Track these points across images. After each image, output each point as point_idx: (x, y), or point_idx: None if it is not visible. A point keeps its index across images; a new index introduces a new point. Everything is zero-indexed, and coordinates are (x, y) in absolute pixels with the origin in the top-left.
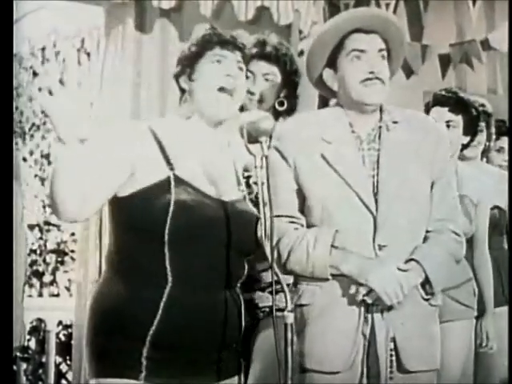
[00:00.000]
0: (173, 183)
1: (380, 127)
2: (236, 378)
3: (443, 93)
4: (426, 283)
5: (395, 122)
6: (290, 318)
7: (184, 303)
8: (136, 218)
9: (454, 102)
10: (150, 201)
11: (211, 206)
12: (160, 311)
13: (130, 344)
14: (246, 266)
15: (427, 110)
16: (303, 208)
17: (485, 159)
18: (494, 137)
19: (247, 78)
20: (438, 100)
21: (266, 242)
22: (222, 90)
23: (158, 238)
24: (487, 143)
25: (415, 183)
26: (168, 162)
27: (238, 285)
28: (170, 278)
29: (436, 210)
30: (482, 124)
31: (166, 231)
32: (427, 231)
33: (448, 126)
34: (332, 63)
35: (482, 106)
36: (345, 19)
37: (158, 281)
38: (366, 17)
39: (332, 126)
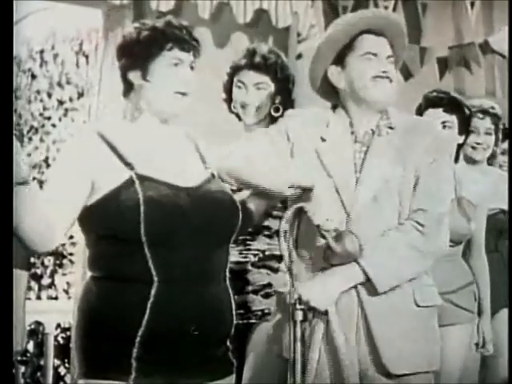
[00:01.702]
0: (137, 182)
1: (373, 131)
2: (229, 377)
3: (435, 94)
4: (368, 281)
5: (391, 128)
6: (298, 315)
7: (172, 301)
8: (108, 225)
9: (448, 101)
10: (118, 205)
11: (181, 196)
12: (148, 311)
13: (119, 346)
14: (229, 252)
15: (420, 114)
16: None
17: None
18: (500, 141)
19: (239, 88)
20: (431, 101)
21: (284, 241)
22: (177, 92)
23: (135, 240)
24: (495, 148)
25: (400, 185)
26: (126, 163)
27: (227, 275)
28: (155, 278)
29: (412, 203)
30: (492, 127)
31: (142, 232)
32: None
33: (444, 127)
34: (340, 61)
35: (492, 108)
36: (357, 20)
37: (144, 281)
38: (378, 19)
39: (332, 125)
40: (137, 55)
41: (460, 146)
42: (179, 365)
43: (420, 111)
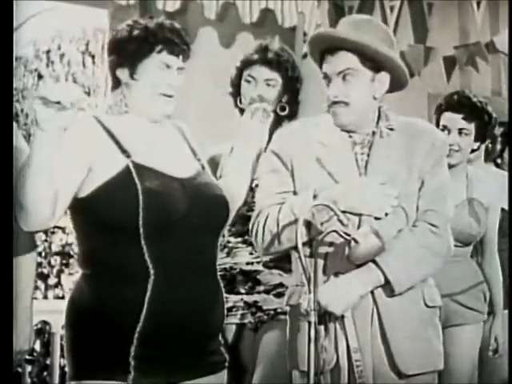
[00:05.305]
0: (134, 171)
1: (374, 133)
2: (222, 372)
3: (456, 97)
4: (387, 283)
5: (391, 129)
6: (312, 316)
7: (169, 295)
8: (104, 216)
9: (469, 108)
10: (115, 195)
11: (176, 186)
12: (146, 306)
13: (116, 344)
14: (218, 246)
15: (439, 113)
16: None
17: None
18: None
19: (249, 82)
20: (451, 105)
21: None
22: (163, 95)
23: (133, 232)
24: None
25: (405, 186)
26: (123, 150)
27: (217, 268)
28: (151, 271)
29: (420, 204)
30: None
31: (140, 223)
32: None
33: (460, 134)
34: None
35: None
36: (310, 42)
37: (140, 275)
38: (328, 39)
39: (329, 130)
40: (126, 53)
41: (473, 151)
42: (177, 361)
43: (440, 112)
